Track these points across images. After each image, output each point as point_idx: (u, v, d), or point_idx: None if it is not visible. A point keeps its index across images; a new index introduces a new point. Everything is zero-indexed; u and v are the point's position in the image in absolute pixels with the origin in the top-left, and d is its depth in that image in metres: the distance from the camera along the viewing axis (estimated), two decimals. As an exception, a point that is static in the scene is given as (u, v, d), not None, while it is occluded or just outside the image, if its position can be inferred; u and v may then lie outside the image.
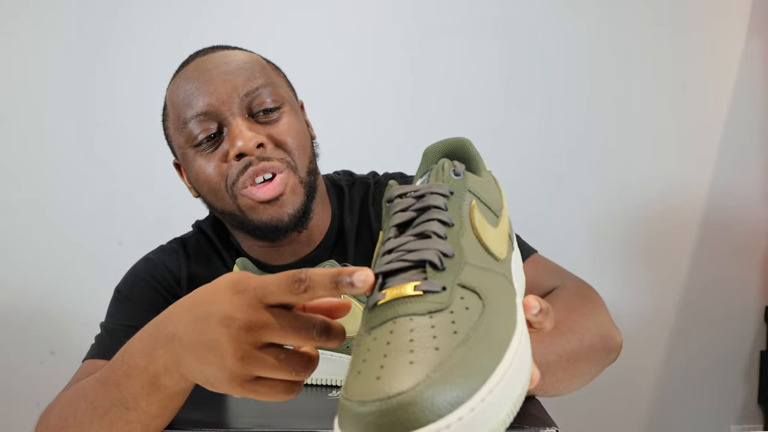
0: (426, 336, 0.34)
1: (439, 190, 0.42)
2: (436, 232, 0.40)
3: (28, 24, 1.55)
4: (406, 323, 0.35)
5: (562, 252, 0.93)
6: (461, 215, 0.41)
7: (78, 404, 0.56)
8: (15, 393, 1.58)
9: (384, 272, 0.39)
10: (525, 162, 1.62)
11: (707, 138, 1.65)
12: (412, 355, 0.33)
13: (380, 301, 0.37)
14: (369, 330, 0.37)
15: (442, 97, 1.62)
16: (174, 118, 0.82)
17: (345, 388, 0.34)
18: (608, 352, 0.70)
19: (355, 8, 1.61)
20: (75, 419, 0.56)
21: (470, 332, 0.34)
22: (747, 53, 1.63)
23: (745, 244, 1.67)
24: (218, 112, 0.78)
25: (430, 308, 0.36)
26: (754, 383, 1.68)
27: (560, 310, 0.68)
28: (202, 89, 0.79)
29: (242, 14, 1.57)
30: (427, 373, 0.31)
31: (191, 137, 0.80)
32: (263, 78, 0.81)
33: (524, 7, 1.62)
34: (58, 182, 1.57)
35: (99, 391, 0.53)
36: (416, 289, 0.37)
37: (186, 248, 0.90)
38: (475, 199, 0.43)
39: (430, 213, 0.41)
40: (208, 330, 0.43)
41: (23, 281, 1.57)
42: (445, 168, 0.44)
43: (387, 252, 0.41)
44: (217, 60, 0.81)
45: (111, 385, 0.52)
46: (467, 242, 0.40)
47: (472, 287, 0.38)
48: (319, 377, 0.62)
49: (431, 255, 0.38)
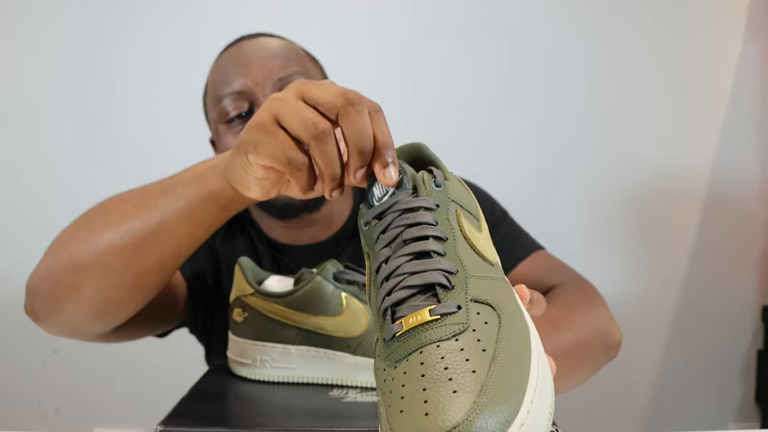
0: (459, 360, 0.33)
1: (425, 204, 0.41)
2: (435, 250, 0.39)
3: (28, 24, 1.55)
4: (435, 351, 0.34)
5: (562, 252, 0.93)
6: (451, 227, 0.40)
7: (125, 193, 0.65)
8: (18, 392, 1.58)
9: (391, 304, 0.38)
10: (524, 161, 1.62)
11: (706, 138, 1.66)
12: (452, 383, 0.32)
13: (398, 332, 0.36)
14: (393, 364, 0.36)
15: (442, 97, 1.62)
16: (212, 94, 0.87)
17: (389, 428, 0.33)
18: (607, 349, 0.71)
19: (355, 8, 1.61)
20: (118, 198, 0.64)
21: (497, 347, 0.34)
22: (745, 54, 1.64)
23: (743, 243, 1.67)
24: (251, 92, 0.82)
25: (454, 331, 0.35)
26: (751, 382, 1.68)
27: (559, 307, 0.68)
28: (239, 70, 0.83)
29: (242, 14, 1.58)
30: (474, 400, 0.31)
31: (224, 113, 0.84)
32: (298, 66, 0.84)
33: (524, 6, 1.62)
34: (59, 182, 1.57)
35: (151, 183, 0.62)
36: (433, 314, 0.36)
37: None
38: (458, 208, 0.42)
39: (421, 229, 0.40)
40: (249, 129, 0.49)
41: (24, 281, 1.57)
42: (426, 180, 0.42)
43: (385, 279, 0.39)
44: (258, 45, 0.86)
45: (165, 179, 0.61)
46: (464, 254, 0.40)
47: (484, 300, 0.37)
48: (320, 377, 0.63)
49: (438, 277, 0.38)
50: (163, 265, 0.62)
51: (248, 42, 0.87)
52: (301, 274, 0.65)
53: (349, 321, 0.62)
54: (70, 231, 0.65)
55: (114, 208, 0.62)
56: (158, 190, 0.60)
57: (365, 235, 0.43)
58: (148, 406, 1.18)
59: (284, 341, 0.63)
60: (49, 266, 0.64)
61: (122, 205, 0.62)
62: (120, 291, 0.62)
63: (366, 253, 0.43)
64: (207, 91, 0.90)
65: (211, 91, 0.87)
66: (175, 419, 0.51)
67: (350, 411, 0.54)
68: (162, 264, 0.61)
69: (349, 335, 0.62)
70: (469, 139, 1.61)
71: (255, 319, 0.64)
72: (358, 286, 0.63)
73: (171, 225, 0.58)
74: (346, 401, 0.57)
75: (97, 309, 0.63)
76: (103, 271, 0.60)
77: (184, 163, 1.24)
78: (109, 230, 0.60)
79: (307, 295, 0.62)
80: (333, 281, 0.63)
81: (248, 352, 0.64)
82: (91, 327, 0.66)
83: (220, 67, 0.86)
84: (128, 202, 0.61)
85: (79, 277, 0.61)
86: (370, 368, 0.61)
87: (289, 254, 0.90)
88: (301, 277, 0.65)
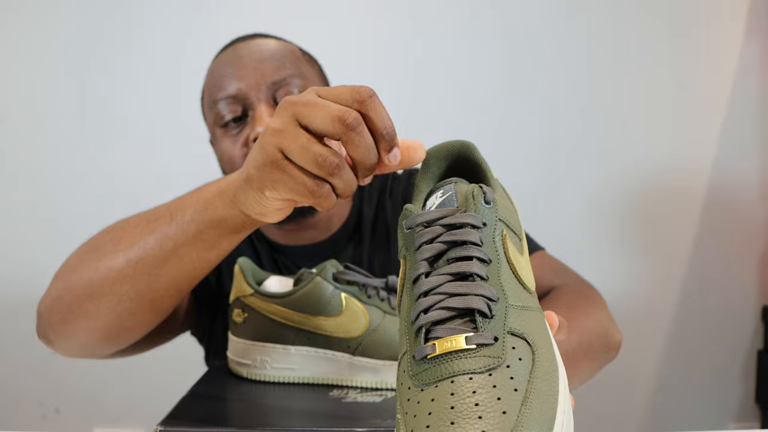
0: (491, 398, 0.33)
1: (473, 222, 0.39)
2: (479, 274, 0.37)
3: (27, 24, 1.55)
4: (467, 383, 0.34)
5: (561, 252, 0.93)
6: (496, 248, 0.39)
7: (131, 218, 0.64)
8: (18, 392, 1.58)
9: (428, 323, 0.37)
10: (524, 161, 1.62)
11: (706, 138, 1.66)
12: (482, 422, 0.32)
13: (430, 354, 0.36)
14: (421, 386, 0.35)
15: (442, 97, 1.62)
16: (207, 97, 0.87)
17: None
18: (607, 351, 0.71)
19: (355, 8, 1.61)
20: (125, 224, 0.64)
21: (528, 386, 0.34)
22: (744, 53, 1.64)
23: (743, 244, 1.67)
24: (245, 96, 0.82)
25: (488, 364, 0.34)
26: (751, 382, 1.68)
27: (560, 309, 0.68)
28: (233, 74, 0.83)
29: (242, 14, 1.58)
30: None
31: (219, 117, 0.84)
32: (293, 68, 0.84)
33: (524, 7, 1.62)
34: (58, 183, 1.57)
35: (156, 208, 0.62)
36: (469, 342, 0.35)
37: None
38: (505, 228, 0.40)
39: (466, 249, 0.38)
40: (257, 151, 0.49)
41: (25, 282, 1.57)
42: (476, 195, 0.40)
43: (423, 294, 0.38)
44: (252, 47, 0.85)
45: (164, 206, 0.61)
46: (506, 280, 0.38)
47: (521, 334, 0.36)
48: (320, 377, 0.63)
49: (479, 303, 0.36)
50: (178, 288, 0.62)
51: (243, 44, 0.87)
52: (301, 275, 0.65)
53: (349, 321, 0.62)
54: (79, 257, 0.65)
55: (123, 234, 0.62)
56: (166, 216, 0.59)
57: (405, 237, 0.41)
58: (148, 406, 1.18)
59: (284, 342, 0.63)
60: (60, 292, 0.64)
61: (131, 231, 0.62)
62: (133, 316, 0.63)
63: (402, 255, 0.42)
64: (204, 94, 0.90)
65: (207, 94, 0.87)
66: (175, 419, 0.51)
67: (350, 411, 0.54)
68: (177, 288, 0.62)
69: (348, 335, 0.62)
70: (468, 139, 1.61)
71: (255, 320, 0.64)
72: (357, 287, 0.63)
73: (183, 252, 0.59)
74: (346, 401, 0.57)
75: (111, 333, 0.64)
76: (116, 299, 0.61)
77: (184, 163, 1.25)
78: (121, 257, 0.60)
79: (307, 296, 0.62)
80: (333, 281, 0.62)
81: (248, 353, 0.64)
82: (104, 349, 0.68)
83: (215, 70, 0.86)
84: (137, 227, 0.61)
85: (92, 305, 0.62)
86: (370, 368, 0.61)
87: (288, 255, 0.90)
88: (301, 277, 0.65)
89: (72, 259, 0.66)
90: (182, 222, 0.58)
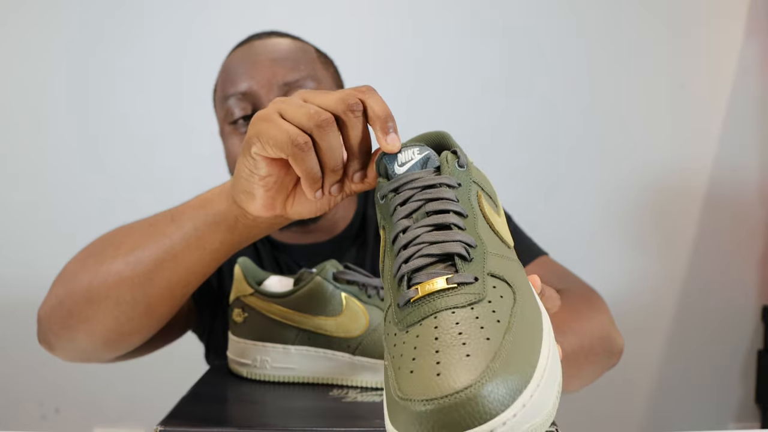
0: (474, 327, 0.34)
1: (448, 182, 0.42)
2: (456, 224, 0.40)
3: (28, 24, 1.55)
4: (450, 317, 0.35)
5: (560, 252, 0.93)
6: (471, 205, 0.42)
7: (134, 223, 0.65)
8: (18, 392, 1.58)
9: (409, 270, 0.38)
10: (524, 161, 1.62)
11: (705, 138, 1.66)
12: (466, 347, 0.33)
13: (413, 297, 0.37)
14: (406, 328, 0.36)
15: (442, 97, 1.62)
16: (219, 92, 0.87)
17: (398, 388, 0.33)
18: (609, 355, 0.71)
19: (356, 8, 1.61)
20: (127, 228, 0.64)
21: (511, 319, 0.35)
22: (744, 53, 1.64)
23: (743, 243, 1.67)
24: (257, 95, 0.81)
25: (469, 299, 0.36)
26: (751, 382, 1.68)
27: (563, 312, 0.68)
28: (246, 71, 0.82)
29: (243, 14, 1.58)
30: (487, 364, 0.31)
31: (229, 113, 0.83)
32: (307, 71, 0.83)
33: (523, 7, 1.62)
34: (58, 183, 1.57)
35: (159, 213, 0.62)
36: (449, 282, 0.37)
37: None
38: (479, 190, 0.43)
39: (442, 203, 0.41)
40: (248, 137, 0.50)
41: (25, 282, 1.57)
42: (450, 159, 0.43)
43: (403, 247, 0.40)
44: (268, 46, 0.85)
45: (165, 212, 0.61)
46: (483, 232, 0.40)
47: (501, 275, 0.38)
48: (320, 377, 0.63)
49: (458, 247, 0.38)
50: (173, 294, 0.62)
51: (259, 42, 0.86)
52: (301, 274, 0.65)
53: (349, 321, 0.62)
54: (80, 262, 0.65)
55: (123, 239, 0.62)
56: (166, 218, 0.60)
57: (381, 208, 0.44)
58: (148, 406, 1.19)
59: (284, 341, 0.63)
60: (60, 298, 0.64)
61: (131, 235, 0.62)
62: (132, 321, 0.63)
63: (381, 225, 0.44)
64: (216, 88, 0.89)
65: (219, 89, 0.87)
66: (175, 419, 0.51)
67: (350, 411, 0.54)
68: (171, 293, 0.62)
69: (349, 335, 0.62)
70: (468, 139, 1.61)
71: (255, 320, 0.64)
72: (358, 286, 0.63)
73: (178, 252, 0.59)
74: (346, 401, 0.57)
75: (111, 338, 0.64)
76: (115, 303, 0.61)
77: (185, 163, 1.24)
78: (119, 261, 0.61)
79: (307, 296, 0.62)
80: (333, 281, 0.63)
81: (248, 353, 0.64)
82: (104, 354, 0.68)
83: (230, 65, 0.86)
84: (137, 231, 0.62)
85: (91, 310, 0.62)
86: (371, 368, 0.61)
87: (290, 254, 0.90)
88: (301, 277, 0.65)
89: (72, 265, 0.66)
90: (181, 221, 0.59)
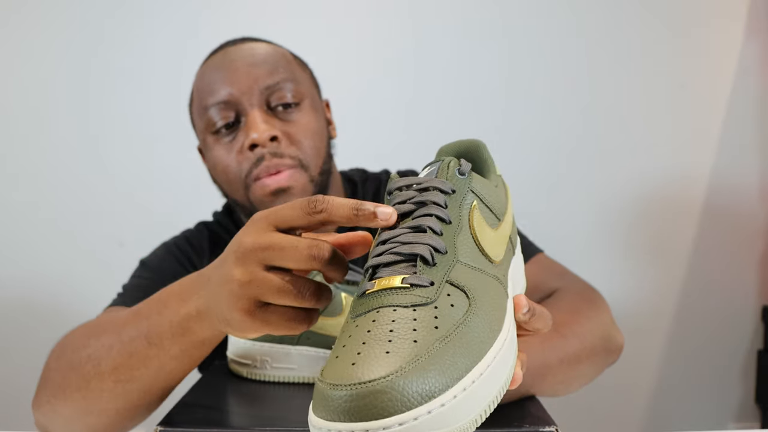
0: (406, 328, 0.34)
1: (440, 186, 0.42)
2: (432, 228, 0.40)
3: (29, 24, 1.55)
4: (389, 314, 0.36)
5: (561, 253, 0.93)
6: (460, 214, 0.42)
7: (105, 330, 0.59)
8: (18, 392, 1.58)
9: (375, 264, 0.40)
10: (524, 161, 1.62)
11: (705, 138, 1.66)
12: (389, 345, 0.33)
13: (369, 290, 0.38)
14: (354, 317, 0.37)
15: (442, 97, 1.62)
16: (197, 103, 0.85)
17: (322, 371, 0.35)
18: (609, 354, 0.71)
19: (354, 8, 1.61)
20: (98, 341, 0.58)
21: (452, 329, 0.35)
22: (744, 53, 1.64)
23: (743, 244, 1.67)
24: (238, 101, 0.80)
25: (415, 301, 0.36)
26: (751, 382, 1.68)
27: (562, 311, 0.68)
28: (225, 78, 0.81)
29: (242, 14, 1.58)
30: (401, 364, 0.32)
31: (210, 123, 0.82)
32: (286, 73, 0.83)
33: (523, 8, 1.62)
34: (58, 183, 1.57)
35: (129, 321, 0.56)
36: (404, 282, 0.37)
37: (210, 232, 0.93)
38: (476, 200, 0.43)
39: (428, 208, 0.41)
40: (224, 263, 0.45)
41: (25, 282, 1.57)
42: (450, 166, 0.44)
43: (381, 242, 0.41)
44: (244, 51, 0.83)
45: (142, 318, 0.54)
46: (462, 241, 0.41)
47: (461, 285, 0.38)
48: (320, 377, 0.63)
49: (423, 249, 0.39)
50: (163, 395, 0.60)
51: (233, 48, 0.85)
52: (301, 275, 0.65)
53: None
54: (62, 373, 0.61)
55: (103, 355, 0.57)
56: (142, 339, 0.54)
57: (386, 202, 0.45)
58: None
59: (284, 341, 0.63)
60: (53, 406, 0.62)
61: (110, 352, 0.56)
62: (127, 421, 0.61)
63: None
64: (192, 100, 0.87)
65: (197, 101, 0.85)
66: (175, 419, 0.51)
67: (350, 411, 0.54)
68: (162, 395, 0.60)
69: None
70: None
71: (255, 320, 0.64)
72: (357, 286, 0.63)
73: (167, 372, 0.55)
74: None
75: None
76: (105, 416, 0.60)
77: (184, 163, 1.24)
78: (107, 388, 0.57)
79: (307, 296, 0.62)
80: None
81: (248, 353, 0.64)
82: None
83: (205, 75, 0.84)
84: (113, 349, 0.56)
85: (88, 420, 0.61)
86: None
87: None
88: (301, 277, 0.65)
89: (53, 373, 0.63)
90: (161, 346, 0.53)
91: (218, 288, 0.45)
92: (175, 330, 0.51)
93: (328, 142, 0.89)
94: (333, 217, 0.42)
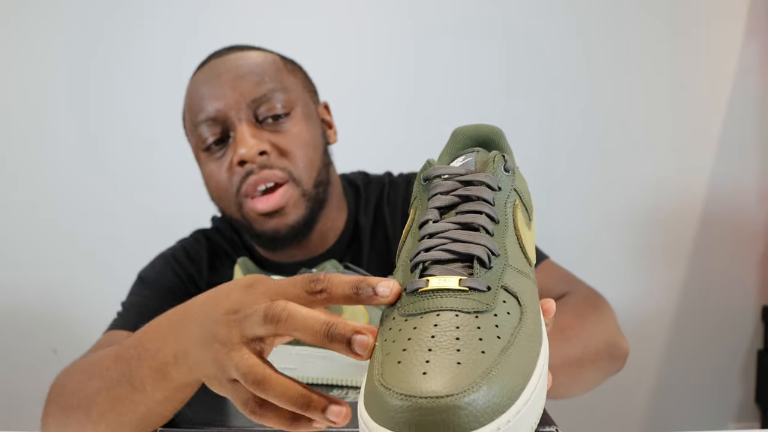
0: (473, 337, 0.33)
1: (489, 182, 0.40)
2: (485, 227, 0.38)
3: (29, 24, 1.55)
4: (452, 319, 0.34)
5: (561, 253, 0.93)
6: (506, 213, 0.40)
7: (93, 372, 0.57)
8: (18, 392, 1.58)
9: (425, 260, 0.38)
10: (524, 162, 1.61)
11: (705, 138, 1.65)
12: (459, 355, 0.32)
13: (422, 288, 0.36)
14: (406, 316, 0.36)
15: (442, 97, 1.62)
16: (188, 120, 0.84)
17: (381, 373, 0.33)
18: (613, 359, 0.71)
19: (355, 8, 1.61)
20: (90, 384, 0.57)
21: (511, 339, 0.34)
22: (744, 53, 1.64)
23: (743, 244, 1.67)
24: (225, 117, 0.79)
25: (477, 307, 0.35)
26: (751, 382, 1.68)
27: (568, 317, 0.68)
28: (211, 94, 0.80)
29: (242, 15, 1.57)
30: (474, 379, 0.31)
31: (201, 140, 0.81)
32: (273, 82, 0.81)
33: (523, 8, 1.62)
34: (58, 183, 1.57)
35: (112, 365, 0.54)
36: (462, 284, 0.36)
37: (208, 241, 0.92)
38: (518, 199, 0.42)
39: (476, 204, 0.39)
40: (215, 323, 0.43)
41: (24, 282, 1.57)
42: (497, 161, 0.42)
43: (428, 236, 0.39)
44: (230, 64, 0.82)
45: (123, 362, 0.53)
46: (510, 242, 0.39)
47: (514, 292, 0.37)
48: (320, 377, 0.63)
49: (480, 251, 0.37)
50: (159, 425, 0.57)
51: (220, 60, 0.83)
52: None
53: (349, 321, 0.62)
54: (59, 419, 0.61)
55: (93, 400, 0.56)
56: (126, 384, 0.52)
57: (421, 188, 0.43)
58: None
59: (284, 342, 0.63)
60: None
61: (97, 398, 0.56)
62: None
63: (414, 206, 0.43)
64: (184, 115, 0.87)
65: (188, 117, 0.84)
66: (174, 419, 0.50)
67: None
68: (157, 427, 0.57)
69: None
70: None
71: (255, 320, 0.64)
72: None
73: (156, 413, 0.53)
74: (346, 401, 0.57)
75: None
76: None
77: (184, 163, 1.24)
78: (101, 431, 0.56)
79: (307, 296, 0.62)
80: (333, 281, 0.62)
81: (248, 353, 0.64)
82: None
83: (193, 90, 0.83)
84: (100, 394, 0.55)
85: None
86: (370, 368, 0.61)
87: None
88: (301, 277, 0.65)
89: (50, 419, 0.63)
90: (144, 391, 0.51)
91: (209, 344, 0.43)
92: (155, 375, 0.49)
93: (324, 150, 0.87)
94: (333, 298, 0.40)
